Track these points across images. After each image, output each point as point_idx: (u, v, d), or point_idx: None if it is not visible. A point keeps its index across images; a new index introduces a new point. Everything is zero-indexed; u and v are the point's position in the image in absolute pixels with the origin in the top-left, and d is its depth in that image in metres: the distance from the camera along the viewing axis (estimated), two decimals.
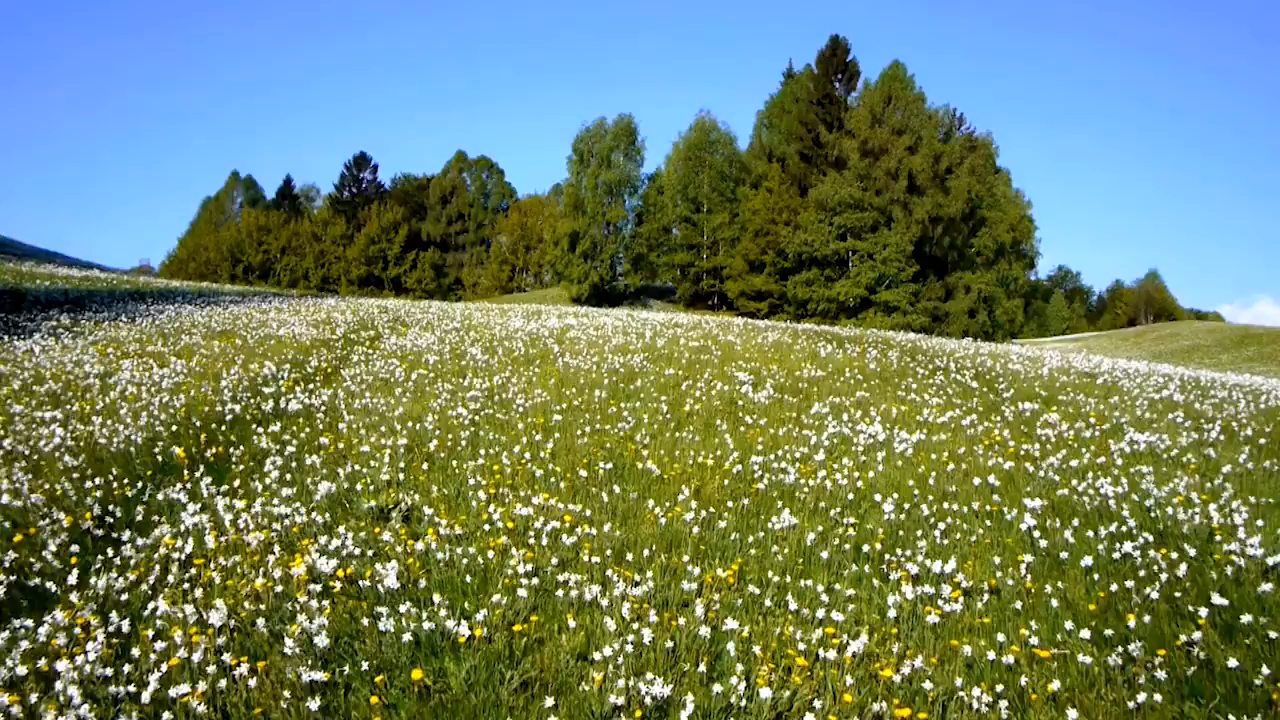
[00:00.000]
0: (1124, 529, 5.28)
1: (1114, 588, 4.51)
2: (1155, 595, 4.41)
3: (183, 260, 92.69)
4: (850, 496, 5.89)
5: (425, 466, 6.42)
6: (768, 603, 4.41)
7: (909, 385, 9.65)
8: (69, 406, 8.25)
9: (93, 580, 4.53)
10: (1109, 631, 4.08)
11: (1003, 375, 10.56)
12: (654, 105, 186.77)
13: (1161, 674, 3.72)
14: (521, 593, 4.39)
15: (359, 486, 6.00)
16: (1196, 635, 3.98)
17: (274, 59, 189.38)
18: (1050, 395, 9.44)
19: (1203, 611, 4.16)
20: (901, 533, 5.32)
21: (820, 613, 4.20)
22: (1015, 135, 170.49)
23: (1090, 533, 5.21)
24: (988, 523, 5.47)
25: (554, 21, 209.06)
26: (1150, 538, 5.12)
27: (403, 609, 4.18)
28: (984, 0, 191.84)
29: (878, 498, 5.77)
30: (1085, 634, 3.98)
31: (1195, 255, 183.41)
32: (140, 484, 6.07)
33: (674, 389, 9.39)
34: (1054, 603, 4.37)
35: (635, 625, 4.07)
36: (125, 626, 4.08)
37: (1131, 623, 4.09)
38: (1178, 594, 4.46)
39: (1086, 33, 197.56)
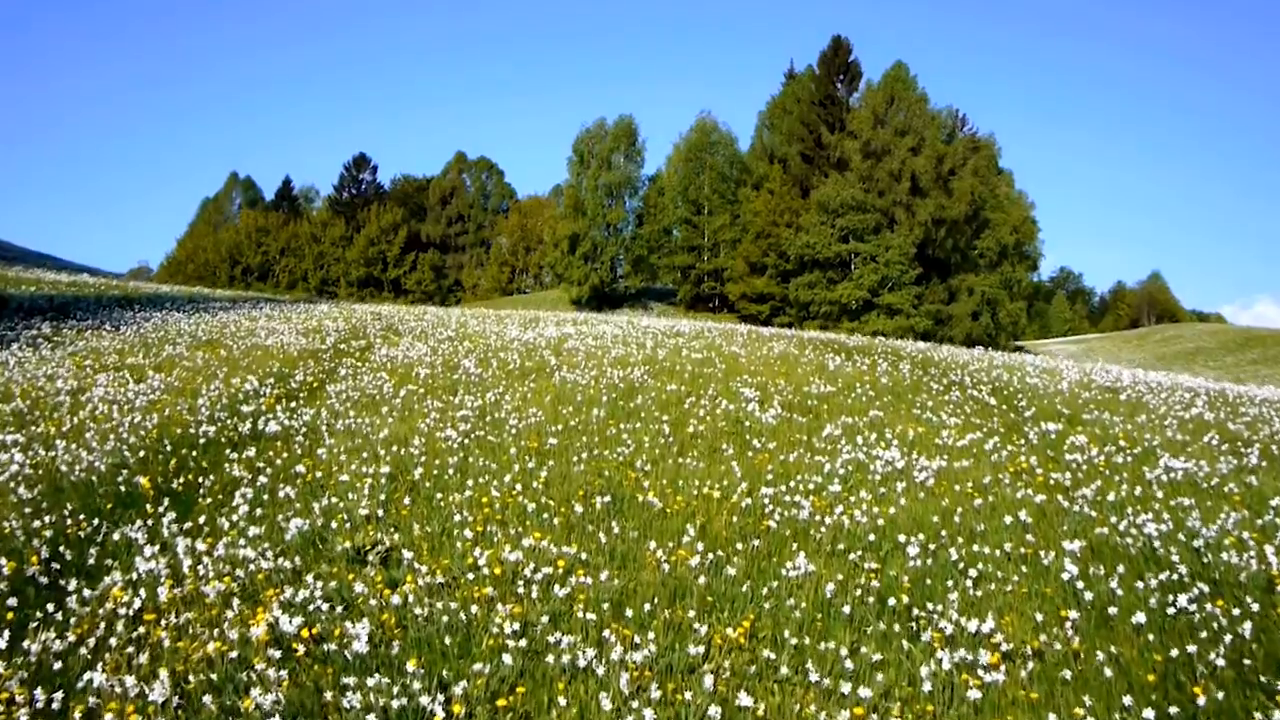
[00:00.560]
0: (1175, 577, 4.78)
1: (1174, 652, 4.01)
2: (1220, 661, 3.92)
3: (181, 262, 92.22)
4: (871, 537, 5.39)
5: (408, 500, 5.92)
6: (784, 670, 3.91)
7: (924, 402, 9.15)
8: (34, 428, 7.76)
9: (27, 642, 4.04)
10: (1174, 710, 3.59)
11: (1021, 391, 10.06)
12: (655, 106, 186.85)
13: None
14: (507, 658, 3.90)
15: (334, 524, 5.51)
16: (1277, 716, 3.48)
17: (273, 59, 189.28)
18: (1074, 414, 8.94)
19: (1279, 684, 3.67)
20: (930, 580, 4.82)
21: (845, 686, 3.70)
22: (1015, 135, 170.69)
23: (1139, 582, 4.72)
24: (1023, 568, 4.97)
25: (554, 21, 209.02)
26: (1205, 588, 4.63)
27: (372, 681, 3.68)
28: (984, 0, 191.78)
29: (901, 538, 5.27)
30: (1149, 715, 3.47)
31: (1195, 256, 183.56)
32: (98, 520, 5.58)
33: (676, 406, 8.90)
34: (1107, 671, 3.87)
35: (635, 703, 3.57)
36: (56, 703, 3.60)
37: (1200, 699, 3.60)
38: (1245, 660, 3.97)
39: (1083, 32, 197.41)
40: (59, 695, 3.64)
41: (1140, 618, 4.29)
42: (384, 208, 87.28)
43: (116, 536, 5.32)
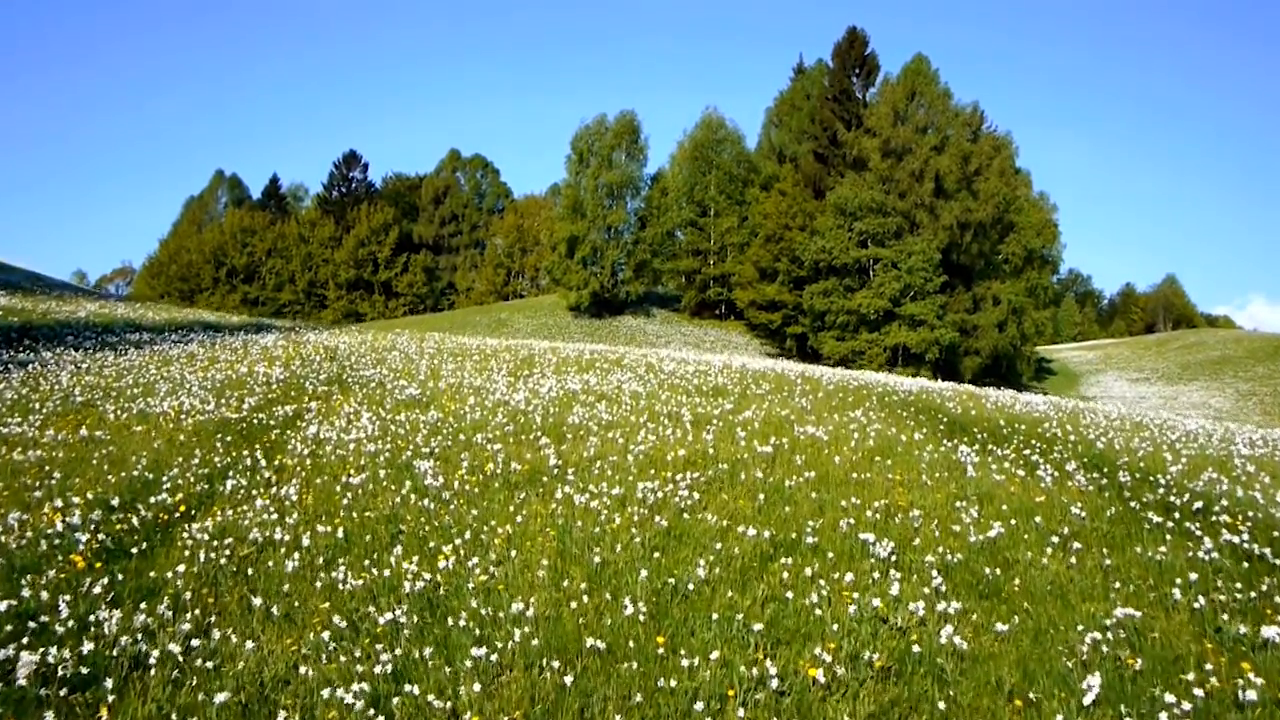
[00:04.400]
0: None
1: None
2: None
3: (164, 263, 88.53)
4: None
5: None
6: None
7: (1172, 566, 5.49)
8: None
9: None
10: None
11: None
12: (656, 104, 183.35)
13: None
14: None
15: None
16: None
17: (262, 52, 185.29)
18: None
19: None
20: None
21: None
22: (1020, 135, 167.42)
23: None
24: None
25: (553, 16, 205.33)
26: None
27: None
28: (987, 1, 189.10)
29: None
30: None
31: (1191, 256, 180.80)
32: None
33: (762, 579, 5.24)
34: None
35: None
36: None
37: None
38: None
39: (1074, 29, 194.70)
40: None
41: None
42: (375, 207, 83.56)
43: None
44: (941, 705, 3.92)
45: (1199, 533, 6.07)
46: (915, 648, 4.37)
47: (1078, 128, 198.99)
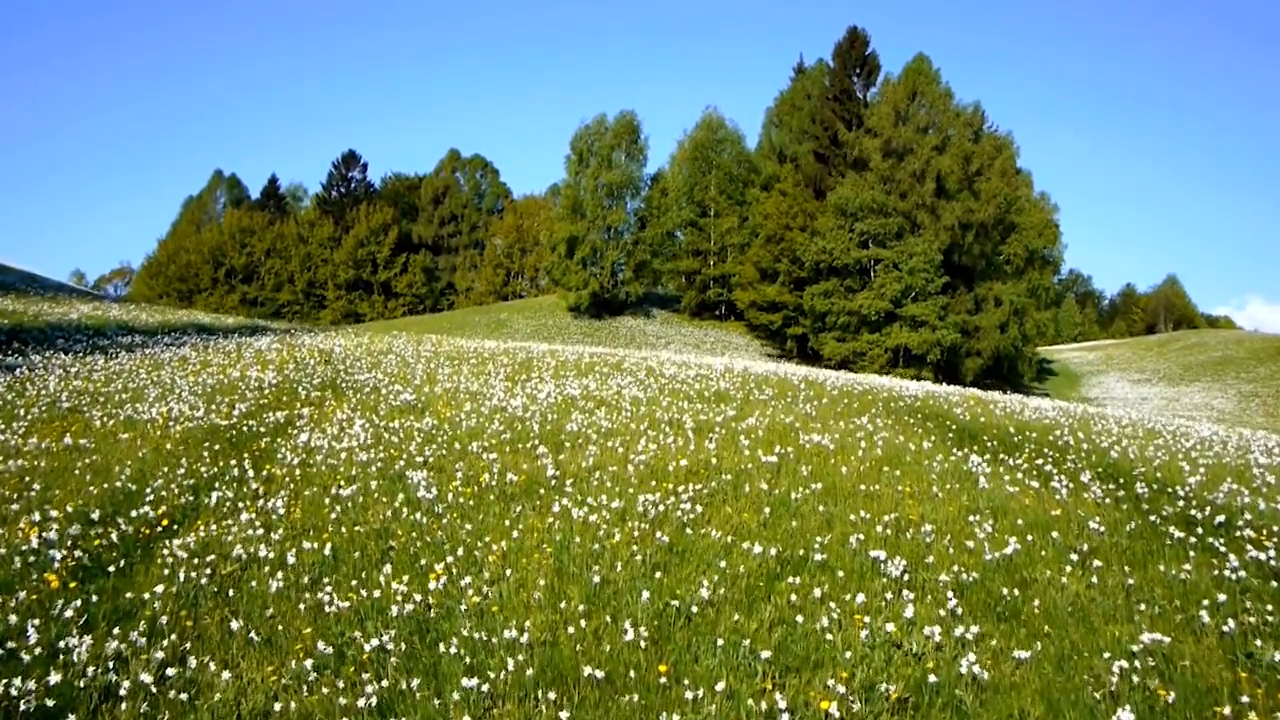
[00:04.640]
0: None
1: None
2: None
3: (162, 263, 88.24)
4: None
5: None
6: None
7: (1198, 586, 5.26)
8: None
9: None
10: None
11: None
12: (656, 102, 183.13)
13: None
14: None
15: None
16: None
17: (262, 53, 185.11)
18: None
19: None
20: None
21: None
22: (1016, 135, 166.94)
23: None
24: None
25: (552, 15, 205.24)
26: None
27: None
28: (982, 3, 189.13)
29: None
30: None
31: (1189, 256, 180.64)
32: None
33: (767, 599, 5.01)
34: None
35: None
36: None
37: None
38: None
39: (1074, 29, 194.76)
40: None
41: None
42: (374, 207, 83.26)
43: None
44: None
45: (1223, 549, 5.83)
46: (932, 677, 4.12)
47: (1078, 128, 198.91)
